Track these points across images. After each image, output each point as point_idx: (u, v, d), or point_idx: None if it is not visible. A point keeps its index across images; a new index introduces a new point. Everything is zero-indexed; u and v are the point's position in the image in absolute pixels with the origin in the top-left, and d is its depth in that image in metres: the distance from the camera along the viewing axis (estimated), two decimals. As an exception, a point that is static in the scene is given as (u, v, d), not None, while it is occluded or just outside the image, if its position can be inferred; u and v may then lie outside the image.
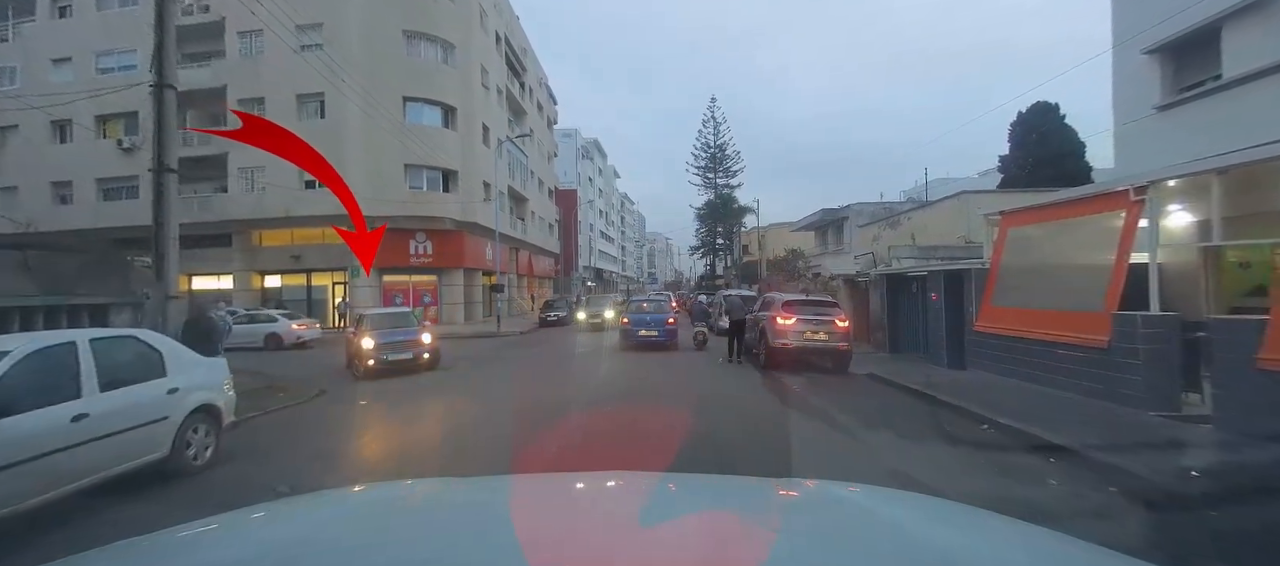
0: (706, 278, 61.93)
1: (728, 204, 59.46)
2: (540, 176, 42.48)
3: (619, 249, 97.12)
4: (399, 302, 26.04)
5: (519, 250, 36.97)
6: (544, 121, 44.79)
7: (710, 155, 62.53)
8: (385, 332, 12.11)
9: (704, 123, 62.77)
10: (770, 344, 10.79)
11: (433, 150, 25.00)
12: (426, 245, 26.19)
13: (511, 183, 33.87)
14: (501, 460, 5.64)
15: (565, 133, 67.34)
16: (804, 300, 11.25)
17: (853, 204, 33.39)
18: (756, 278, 36.94)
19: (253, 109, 25.58)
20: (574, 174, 66.95)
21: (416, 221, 25.37)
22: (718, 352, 14.76)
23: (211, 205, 25.85)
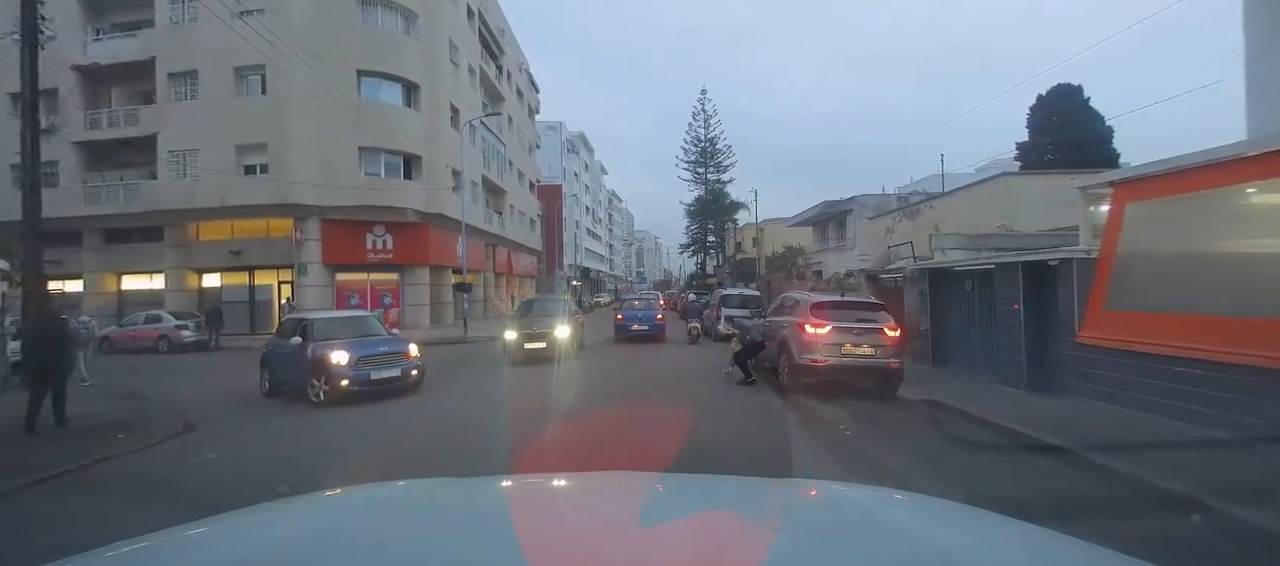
0: (697, 276, 59.27)
1: (719, 199, 56.90)
2: (520, 168, 39.58)
3: (607, 247, 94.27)
4: (355, 304, 23.11)
5: (496, 246, 34.10)
6: (525, 110, 41.88)
7: (701, 149, 59.87)
8: (362, 344, 8.97)
9: (694, 115, 60.03)
10: (796, 360, 8.11)
11: (392, 131, 22.07)
12: (386, 239, 23.25)
13: (487, 172, 30.97)
14: None
15: (550, 125, 64.45)
16: (841, 302, 8.54)
17: (856, 196, 30.95)
18: (753, 276, 34.32)
19: (185, 84, 22.54)
20: (559, 168, 64.06)
21: (374, 212, 22.43)
22: (713, 355, 12.07)
23: (139, 194, 22.72)
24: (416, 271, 24.17)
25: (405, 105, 23.38)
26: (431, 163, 23.71)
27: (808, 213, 34.14)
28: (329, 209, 21.83)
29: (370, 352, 8.75)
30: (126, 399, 9.75)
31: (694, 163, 60.33)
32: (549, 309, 13.41)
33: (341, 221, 22.28)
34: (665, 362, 12.52)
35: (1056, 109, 26.30)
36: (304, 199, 21.30)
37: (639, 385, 9.84)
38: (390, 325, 24.39)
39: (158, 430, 7.41)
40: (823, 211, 31.91)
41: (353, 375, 8.51)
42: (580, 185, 72.88)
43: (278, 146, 21.33)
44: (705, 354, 13.87)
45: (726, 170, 59.70)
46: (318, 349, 8.71)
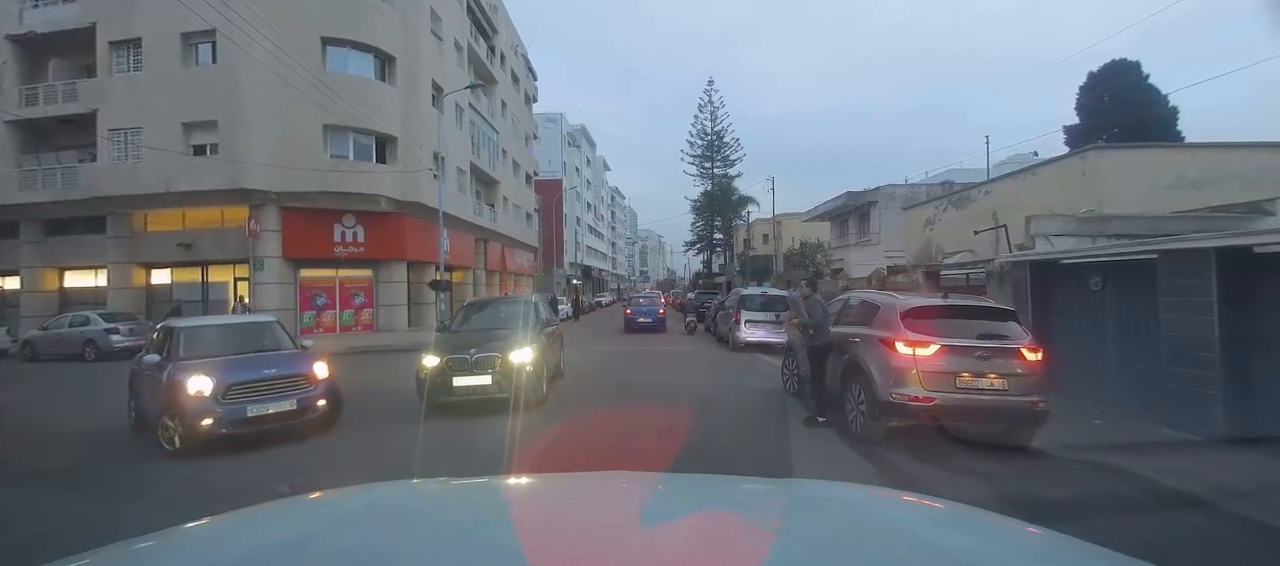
0: (703, 275, 56.41)
1: (727, 194, 54.02)
2: (515, 158, 36.86)
3: (609, 245, 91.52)
4: (322, 304, 20.46)
5: (487, 241, 31.41)
6: (520, 97, 39.16)
7: (707, 142, 56.95)
8: (238, 365, 6.22)
9: (700, 108, 57.17)
10: (882, 395, 5.33)
11: (363, 108, 19.36)
12: (357, 230, 20.54)
13: (476, 160, 28.27)
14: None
15: (549, 118, 61.79)
16: (950, 307, 5.69)
17: (882, 186, 28.14)
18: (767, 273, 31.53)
19: (127, 54, 19.88)
20: (559, 162, 61.40)
21: (342, 200, 19.71)
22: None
23: (78, 178, 20.06)
24: (392, 267, 21.45)
25: (378, 79, 20.66)
26: (409, 145, 20.98)
27: (827, 205, 31.34)
28: (289, 196, 19.14)
29: (248, 377, 5.96)
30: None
31: (700, 156, 57.48)
32: (503, 317, 8.57)
33: (304, 210, 19.59)
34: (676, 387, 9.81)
35: (1110, 88, 23.46)
36: (260, 184, 18.62)
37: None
38: (362, 327, 21.80)
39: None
40: (845, 203, 29.10)
41: (220, 411, 5.77)
42: (581, 180, 70.13)
43: (230, 124, 18.65)
44: (704, 348, 13.16)
45: (733, 164, 56.91)
46: (175, 371, 5.97)
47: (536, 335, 7.84)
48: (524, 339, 7.49)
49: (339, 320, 20.86)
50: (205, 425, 5.74)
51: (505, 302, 10.02)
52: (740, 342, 13.56)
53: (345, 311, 20.99)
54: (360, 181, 19.65)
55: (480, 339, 7.53)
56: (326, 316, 20.67)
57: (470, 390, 6.98)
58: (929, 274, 12.07)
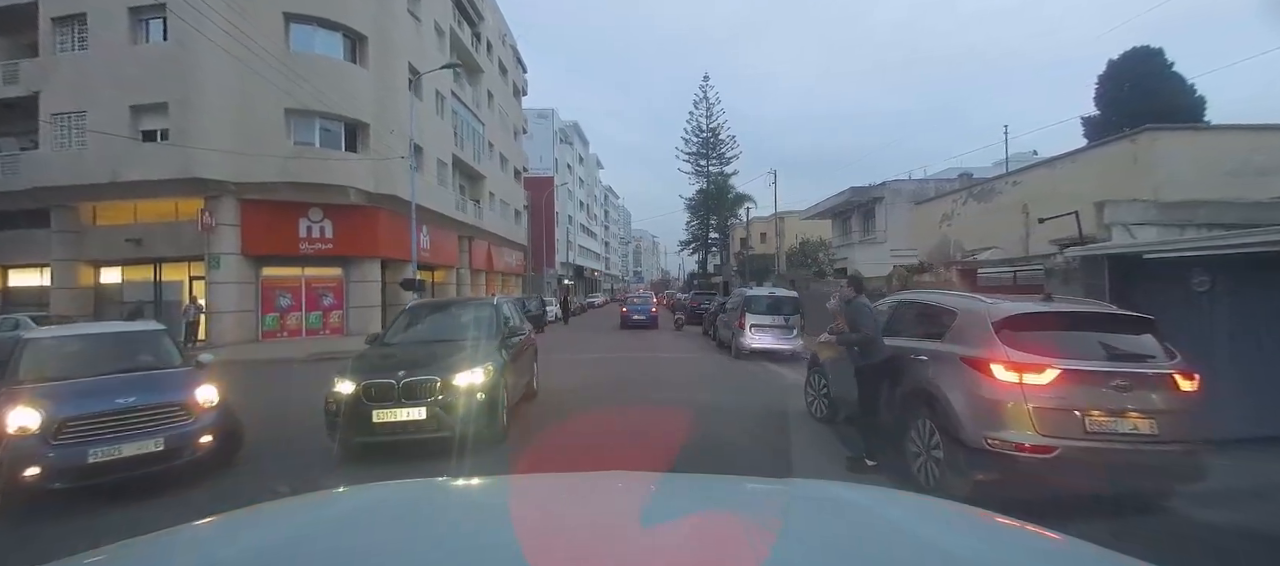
0: (698, 275, 54.93)
1: (723, 192, 52.60)
2: (503, 151, 35.22)
3: (602, 245, 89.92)
4: (286, 305, 18.78)
5: (472, 239, 29.77)
6: (509, 88, 37.51)
7: (702, 139, 55.61)
8: (78, 394, 4.56)
9: (696, 104, 55.88)
10: (973, 439, 3.75)
11: (330, 91, 17.70)
12: (325, 225, 18.87)
13: (460, 152, 26.61)
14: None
15: (541, 113, 60.10)
16: (1062, 314, 4.10)
17: (888, 182, 26.72)
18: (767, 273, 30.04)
19: (72, 28, 18.13)
20: (550, 159, 59.75)
21: (308, 191, 18.04)
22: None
23: (18, 167, 18.30)
24: (364, 265, 19.78)
25: (348, 60, 19.01)
26: (382, 133, 19.31)
27: (829, 202, 29.88)
28: (249, 186, 17.46)
29: (92, 409, 4.31)
30: None
31: (695, 154, 56.05)
32: (454, 325, 6.69)
33: (266, 202, 17.91)
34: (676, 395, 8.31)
35: (1132, 77, 22.12)
36: (216, 173, 16.93)
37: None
38: (332, 330, 20.11)
39: None
40: (849, 200, 27.65)
41: (51, 456, 4.16)
42: (573, 178, 68.43)
43: (182, 107, 16.93)
44: (704, 355, 12.45)
45: (730, 162, 55.50)
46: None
47: (497, 349, 5.91)
48: (478, 354, 5.54)
49: (305, 322, 19.17)
50: (28, 476, 4.12)
51: (459, 306, 7.83)
52: (745, 349, 12.05)
53: (312, 313, 19.31)
54: (327, 171, 17.97)
55: (417, 356, 5.57)
56: (291, 318, 18.99)
57: (396, 427, 4.98)
58: (965, 273, 10.57)
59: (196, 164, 16.70)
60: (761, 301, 12.32)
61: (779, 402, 7.78)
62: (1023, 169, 14.16)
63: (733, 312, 13.13)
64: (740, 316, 12.16)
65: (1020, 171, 14.35)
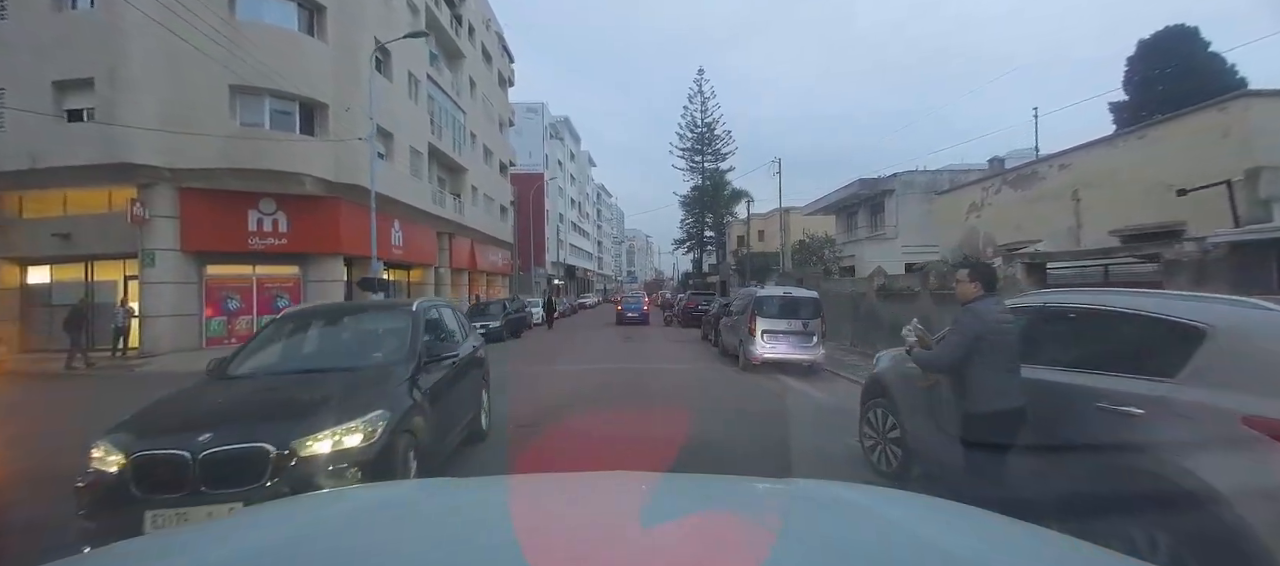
0: (694, 275, 53.06)
1: (719, 188, 50.76)
2: (487, 144, 33.19)
3: (594, 244, 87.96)
4: (235, 308, 16.73)
5: (453, 236, 27.72)
6: (493, 77, 35.49)
7: (697, 135, 53.89)
8: None
9: (690, 98, 54.11)
10: None
11: (282, 66, 15.64)
12: (278, 217, 16.84)
13: (437, 141, 24.57)
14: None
15: (530, 107, 58.09)
16: None
17: (900, 173, 24.94)
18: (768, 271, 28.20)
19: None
20: (540, 155, 57.72)
21: (257, 179, 15.99)
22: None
23: (-73, 153, 16.11)
24: (324, 263, 17.73)
25: (303, 32, 16.97)
26: (344, 116, 17.27)
27: (833, 196, 28.08)
28: (188, 173, 15.41)
29: None
30: None
31: (690, 149, 54.26)
32: (346, 344, 4.65)
33: (209, 191, 15.86)
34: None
35: (1166, 58, 20.42)
36: (150, 157, 14.88)
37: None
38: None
39: None
40: (856, 193, 25.85)
41: None
42: (565, 175, 66.42)
43: (111, 83, 14.83)
44: (707, 366, 11.05)
45: (726, 158, 53.72)
46: None
47: (404, 384, 3.79)
48: (364, 396, 3.43)
49: (257, 327, 17.07)
50: None
51: (358, 315, 5.38)
52: (756, 359, 10.14)
53: (265, 316, 17.20)
54: (279, 156, 15.90)
55: (256, 401, 3.47)
56: (241, 323, 16.91)
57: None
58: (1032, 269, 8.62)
59: (127, 147, 14.63)
60: (774, 303, 10.40)
61: (816, 438, 5.87)
62: (1072, 150, 12.38)
63: (740, 316, 11.22)
64: (750, 320, 10.23)
65: (1068, 152, 12.56)
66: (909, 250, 23.60)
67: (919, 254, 22.84)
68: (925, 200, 24.15)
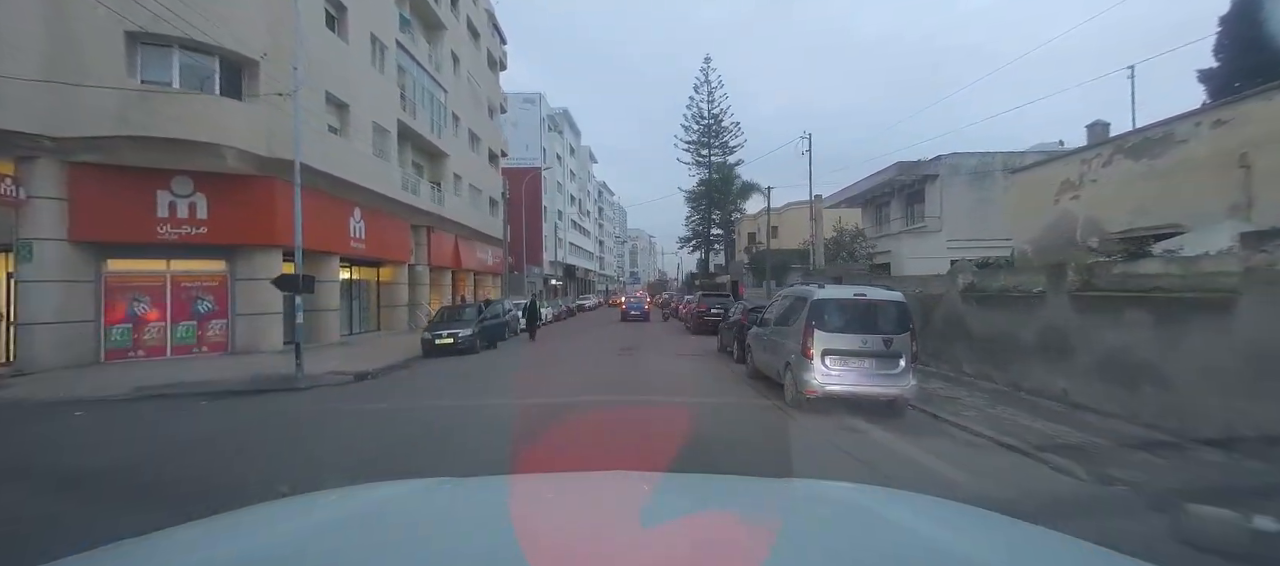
0: (701, 274, 49.72)
1: (728, 182, 47.46)
2: (473, 129, 29.99)
3: (596, 243, 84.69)
4: (142, 311, 13.56)
5: (433, 230, 24.52)
6: (482, 57, 32.30)
7: (704, 127, 50.55)
8: None
9: (696, 88, 50.81)
10: None
11: (196, 12, 12.40)
12: (196, 201, 13.68)
13: (409, 120, 21.36)
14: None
15: (527, 98, 55.02)
16: None
17: (943, 156, 21.63)
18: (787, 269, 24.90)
19: None
20: (538, 148, 54.56)
21: (165, 151, 12.79)
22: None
23: None
24: (258, 256, 14.50)
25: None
26: (280, 76, 14.04)
27: (864, 184, 24.74)
28: (78, 144, 12.25)
29: None
30: None
31: (695, 143, 50.92)
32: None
33: (105, 167, 12.69)
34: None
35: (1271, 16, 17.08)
36: (22, 122, 11.71)
37: None
38: (211, 347, 14.84)
39: None
40: (892, 179, 22.51)
41: None
42: (564, 170, 63.22)
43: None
44: (737, 396, 8.60)
45: (734, 151, 50.38)
46: None
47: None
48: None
49: (171, 336, 13.90)
50: None
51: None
52: (813, 391, 6.85)
53: (182, 324, 14.05)
54: (191, 123, 12.68)
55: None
56: (151, 331, 13.72)
57: None
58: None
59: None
60: (842, 309, 7.01)
61: None
62: (1233, 100, 9.12)
63: (785, 327, 7.92)
64: (804, 334, 6.92)
65: (1227, 104, 9.27)
66: (956, 245, 20.29)
67: (968, 249, 19.55)
68: (975, 186, 20.88)
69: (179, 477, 5.08)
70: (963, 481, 4.69)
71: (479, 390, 9.66)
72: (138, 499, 4.42)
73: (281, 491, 3.83)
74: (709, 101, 50.63)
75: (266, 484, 4.54)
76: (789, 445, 5.88)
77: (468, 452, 5.81)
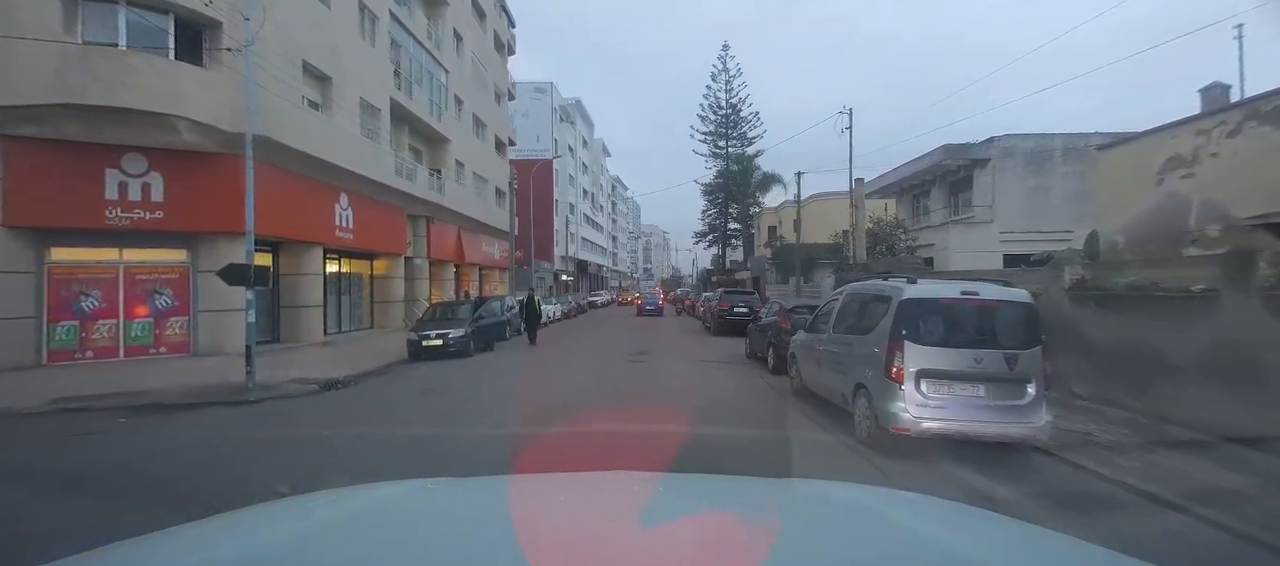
0: (718, 271, 47.66)
1: (747, 173, 45.25)
2: (477, 113, 28.24)
3: (609, 239, 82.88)
4: (90, 307, 11.97)
5: (433, 221, 22.80)
6: (488, 38, 30.50)
7: (721, 117, 48.41)
8: None
9: (713, 77, 48.64)
10: None
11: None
12: (151, 181, 12.03)
13: (404, 99, 19.63)
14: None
15: (538, 87, 53.29)
16: None
17: (997, 138, 19.42)
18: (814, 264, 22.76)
19: None
20: (549, 139, 52.78)
21: (112, 124, 11.11)
22: None
23: None
24: (224, 245, 12.72)
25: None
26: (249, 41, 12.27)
27: (905, 171, 22.52)
28: (10, 114, 10.63)
29: None
30: None
31: (712, 134, 48.80)
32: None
33: (44, 142, 11.08)
34: None
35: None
36: (-57, 89, 10.10)
37: None
38: (169, 347, 13.17)
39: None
40: (937, 163, 20.28)
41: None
42: (576, 163, 61.40)
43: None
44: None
45: (753, 142, 48.13)
46: None
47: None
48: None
49: (124, 335, 12.27)
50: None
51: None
52: (904, 426, 4.86)
53: (137, 321, 12.41)
54: (141, 91, 10.95)
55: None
56: (100, 330, 12.10)
57: None
58: None
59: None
60: (943, 314, 4.94)
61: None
62: None
63: (854, 337, 5.92)
64: (890, 348, 4.93)
65: None
66: (1011, 238, 18.14)
67: (1025, 242, 17.37)
68: (1032, 172, 18.66)
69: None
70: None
71: (458, 411, 7.81)
72: None
73: (281, 491, 3.81)
74: (727, 90, 48.46)
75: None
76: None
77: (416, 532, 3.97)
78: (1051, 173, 18.63)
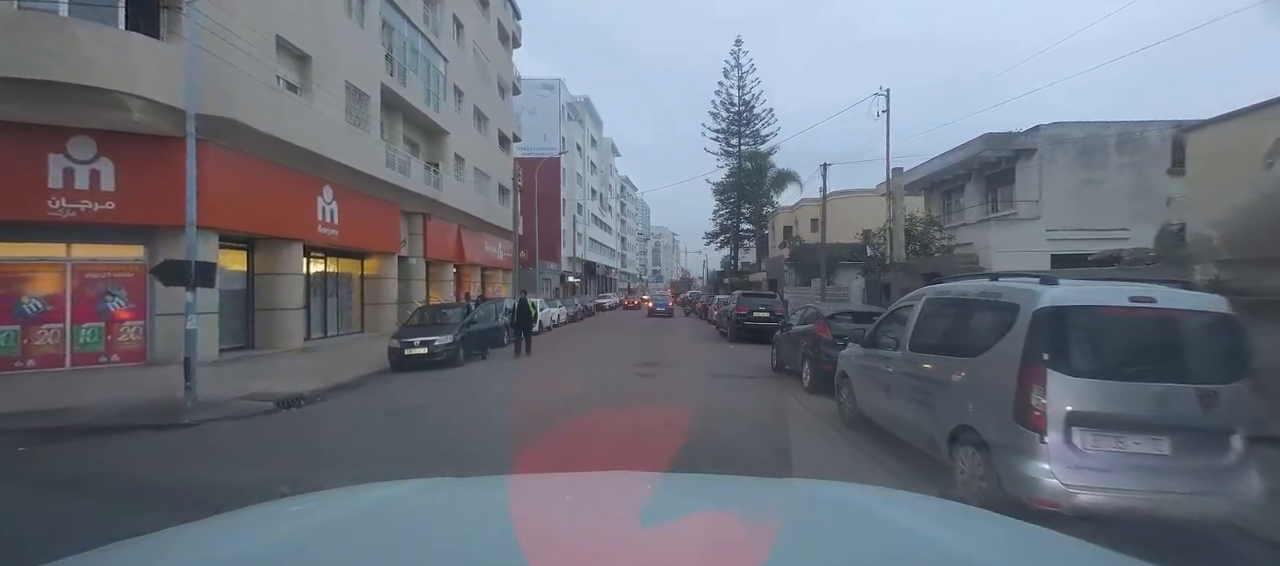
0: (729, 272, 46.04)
1: (761, 171, 43.62)
2: (479, 106, 26.88)
3: (617, 239, 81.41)
4: (33, 311, 10.63)
5: (430, 218, 21.43)
6: (491, 27, 29.15)
7: (733, 114, 46.89)
8: None
9: (726, 72, 47.18)
10: None
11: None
12: (101, 168, 10.68)
13: (397, 87, 18.25)
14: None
15: (545, 84, 51.99)
16: None
17: (1043, 126, 17.73)
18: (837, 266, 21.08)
19: None
20: (556, 137, 51.42)
21: (52, 102, 9.76)
22: None
23: None
24: (184, 241, 11.40)
25: None
26: (216, 15, 10.87)
27: (942, 162, 20.81)
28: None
29: None
30: None
31: (725, 131, 47.28)
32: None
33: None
34: None
35: None
36: None
37: None
38: (123, 355, 11.79)
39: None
40: (976, 154, 18.60)
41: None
42: (584, 162, 60.04)
43: None
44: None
45: (766, 140, 46.52)
46: None
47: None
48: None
49: (71, 342, 10.90)
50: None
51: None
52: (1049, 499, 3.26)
53: (87, 326, 11.04)
54: (83, 63, 9.58)
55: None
56: (45, 336, 10.74)
57: None
58: None
59: None
60: (1106, 330, 3.40)
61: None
62: None
63: (947, 359, 4.32)
64: (1023, 379, 3.37)
65: None
66: (1059, 236, 16.45)
67: (1077, 240, 15.69)
68: (1082, 164, 16.96)
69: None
70: None
71: (421, 446, 6.26)
72: None
73: (281, 491, 3.76)
74: (739, 86, 46.96)
75: None
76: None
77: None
78: (1103, 165, 16.95)
